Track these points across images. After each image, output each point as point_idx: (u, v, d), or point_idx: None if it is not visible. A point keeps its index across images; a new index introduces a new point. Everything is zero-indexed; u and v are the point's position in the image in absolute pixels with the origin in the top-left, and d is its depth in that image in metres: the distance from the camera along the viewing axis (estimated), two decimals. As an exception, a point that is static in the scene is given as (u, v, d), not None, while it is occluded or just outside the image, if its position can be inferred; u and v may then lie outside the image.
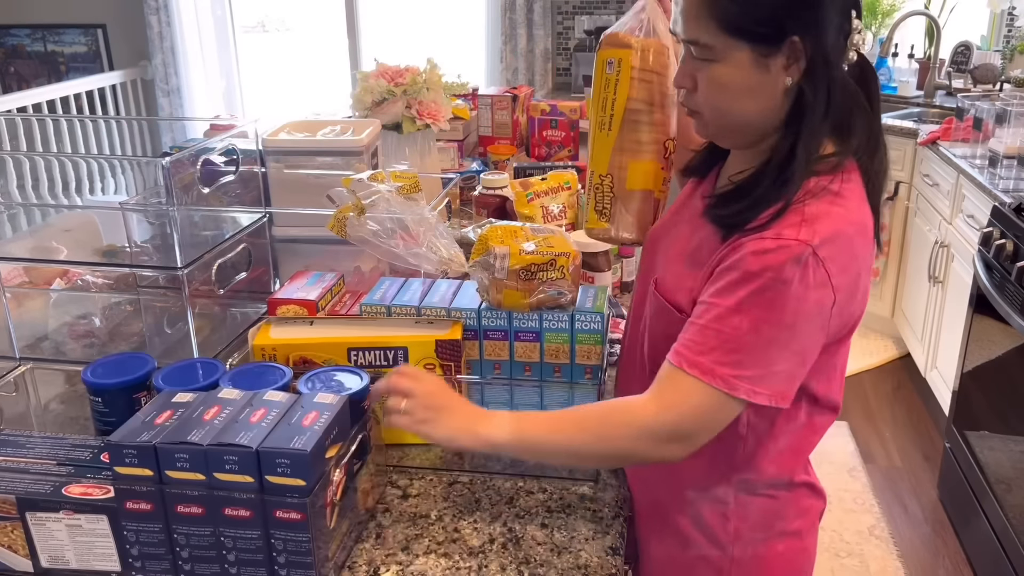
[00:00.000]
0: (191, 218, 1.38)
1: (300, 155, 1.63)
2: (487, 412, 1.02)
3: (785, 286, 0.90)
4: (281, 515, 0.89)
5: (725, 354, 0.93)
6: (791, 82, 0.95)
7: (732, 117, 0.99)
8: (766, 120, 0.99)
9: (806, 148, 0.96)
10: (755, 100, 0.97)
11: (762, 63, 0.94)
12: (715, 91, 0.98)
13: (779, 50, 0.93)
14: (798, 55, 0.93)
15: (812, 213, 0.93)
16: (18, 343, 1.38)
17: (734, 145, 1.06)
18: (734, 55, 0.95)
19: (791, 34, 0.92)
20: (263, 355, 1.15)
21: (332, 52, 5.10)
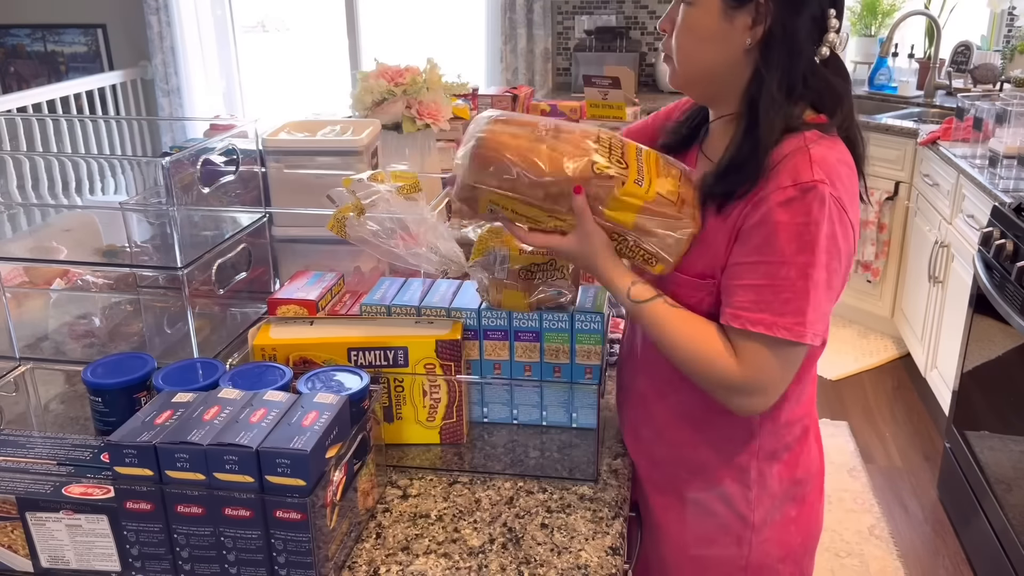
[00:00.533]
0: (191, 218, 1.38)
1: (300, 155, 1.63)
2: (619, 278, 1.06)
3: (818, 227, 0.97)
4: (281, 515, 0.89)
5: (783, 304, 0.98)
6: (751, 42, 1.02)
7: (694, 61, 1.07)
8: (726, 73, 1.05)
9: (767, 111, 1.02)
10: (716, 48, 1.04)
11: (729, 14, 1.02)
12: (684, 32, 1.06)
13: (745, 6, 1.01)
14: (762, 17, 1.01)
15: (818, 155, 0.99)
16: (18, 343, 1.38)
17: (699, 96, 1.13)
18: (706, 1, 1.03)
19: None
20: (263, 355, 1.15)
21: (332, 52, 5.10)
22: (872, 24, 4.26)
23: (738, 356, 1.02)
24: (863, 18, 4.27)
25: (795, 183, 0.97)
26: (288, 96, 5.76)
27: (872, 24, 4.26)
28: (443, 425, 1.20)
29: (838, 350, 3.70)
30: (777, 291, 0.98)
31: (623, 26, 4.49)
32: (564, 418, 1.24)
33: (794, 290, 0.98)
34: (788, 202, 0.97)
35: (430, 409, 1.19)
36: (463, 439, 1.21)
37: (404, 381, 1.17)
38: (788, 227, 0.97)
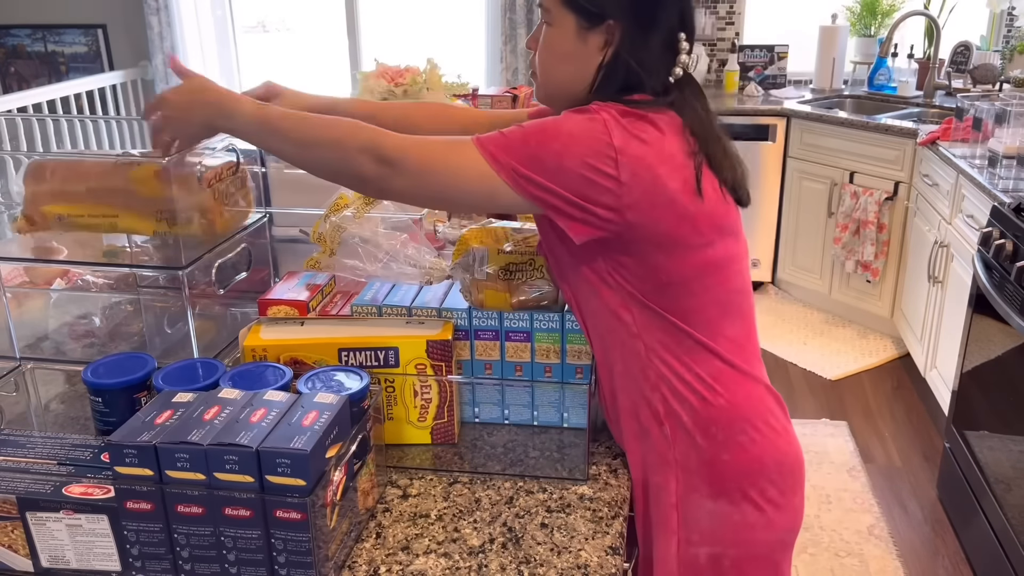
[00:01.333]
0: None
1: (300, 155, 1.63)
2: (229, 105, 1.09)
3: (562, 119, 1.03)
4: (281, 515, 0.89)
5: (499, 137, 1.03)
6: (603, 61, 1.08)
7: (552, 78, 1.13)
8: (580, 88, 1.11)
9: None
10: (571, 66, 1.10)
11: (583, 35, 1.08)
12: (544, 51, 1.13)
13: (598, 27, 1.07)
14: (612, 38, 1.07)
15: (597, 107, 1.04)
16: (18, 343, 1.38)
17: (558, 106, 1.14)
18: (563, 21, 1.09)
19: (608, 17, 1.06)
20: (254, 356, 1.15)
21: (332, 52, 5.10)
22: (872, 24, 4.27)
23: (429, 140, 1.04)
24: (863, 18, 4.27)
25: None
26: (288, 96, 5.74)
27: (872, 24, 4.27)
28: (434, 425, 1.20)
29: (838, 350, 3.70)
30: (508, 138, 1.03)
31: (623, 26, 4.48)
32: (555, 418, 1.24)
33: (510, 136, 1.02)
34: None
35: (421, 409, 1.19)
36: (455, 439, 1.21)
37: (395, 381, 1.17)
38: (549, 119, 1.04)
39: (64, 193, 1.31)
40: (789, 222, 4.08)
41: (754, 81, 4.36)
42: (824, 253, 3.92)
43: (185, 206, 1.28)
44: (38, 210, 1.32)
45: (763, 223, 4.14)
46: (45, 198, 1.31)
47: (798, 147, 3.93)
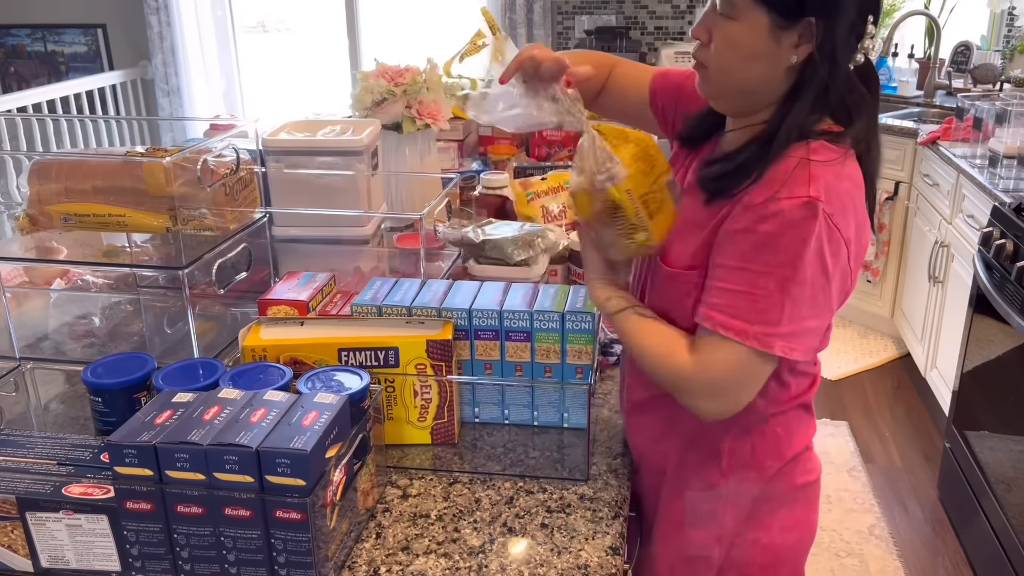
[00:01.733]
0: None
1: (300, 155, 1.63)
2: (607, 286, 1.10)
3: (804, 244, 0.95)
4: (281, 515, 0.89)
5: (757, 314, 0.97)
6: (795, 60, 0.99)
7: (734, 77, 1.03)
8: (765, 90, 1.03)
9: (791, 126, 1.00)
10: (760, 67, 1.01)
11: (776, 34, 0.98)
12: (726, 48, 1.01)
13: (794, 26, 0.97)
14: (810, 36, 0.98)
15: (817, 170, 0.97)
16: (18, 343, 1.38)
17: (730, 109, 1.10)
18: (753, 18, 0.98)
19: (809, 14, 0.97)
20: (253, 356, 1.15)
21: (332, 52, 5.10)
22: (872, 24, 4.26)
23: (699, 353, 1.01)
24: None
25: (789, 196, 0.95)
26: (288, 96, 5.76)
27: (872, 24, 4.26)
28: (434, 425, 1.20)
29: (838, 350, 3.70)
30: (754, 299, 0.97)
31: (623, 26, 4.49)
32: (555, 418, 1.24)
33: (770, 301, 0.97)
34: (778, 214, 0.95)
35: (421, 409, 1.19)
36: (455, 439, 1.21)
37: (395, 382, 1.17)
38: (774, 238, 0.96)
39: (70, 192, 1.31)
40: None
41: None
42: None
43: (196, 203, 1.28)
44: (43, 210, 1.32)
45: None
46: (51, 197, 1.31)
47: (798, 147, 3.92)
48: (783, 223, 0.95)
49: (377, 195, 1.72)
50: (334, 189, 1.61)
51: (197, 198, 1.30)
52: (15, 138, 4.24)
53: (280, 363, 1.14)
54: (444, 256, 1.59)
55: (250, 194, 1.46)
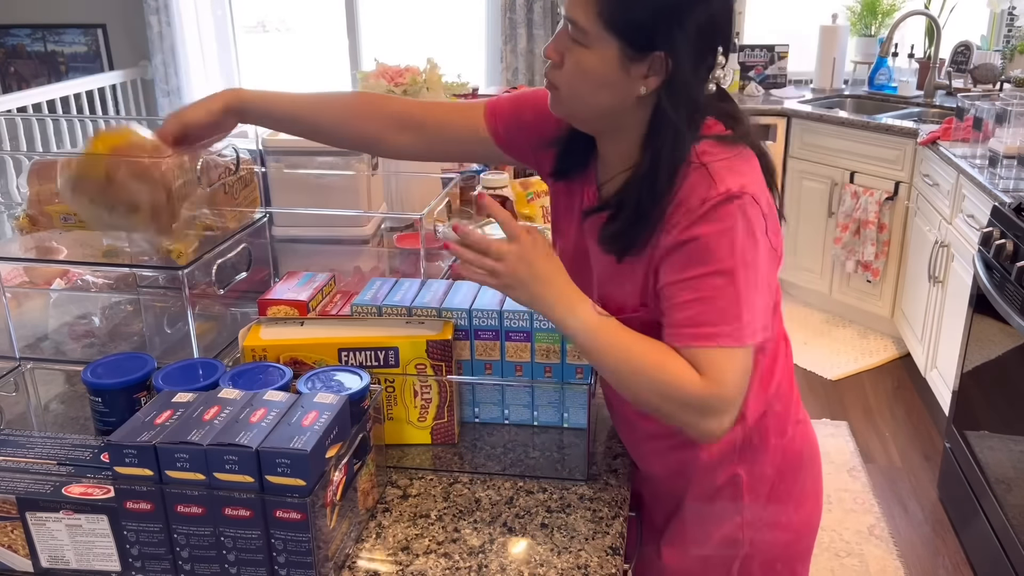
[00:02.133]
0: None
1: (300, 155, 1.63)
2: (577, 298, 1.03)
3: (732, 232, 0.96)
4: (281, 515, 0.89)
5: (718, 315, 0.98)
6: (644, 91, 1.00)
7: (584, 103, 1.04)
8: (616, 115, 1.03)
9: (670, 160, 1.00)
10: (609, 95, 1.01)
11: (626, 64, 0.98)
12: (577, 74, 1.02)
13: (643, 59, 0.98)
14: (659, 69, 0.98)
15: (717, 167, 0.99)
16: (18, 343, 1.38)
17: (587, 129, 1.10)
18: (604, 47, 0.98)
19: (658, 48, 0.97)
20: (253, 356, 1.15)
21: (332, 52, 5.10)
22: (872, 24, 4.26)
23: (704, 374, 0.98)
24: (863, 18, 4.27)
25: (702, 201, 0.97)
26: (288, 96, 5.74)
27: (872, 24, 4.26)
28: (434, 425, 1.20)
29: (838, 350, 3.70)
30: (710, 302, 0.98)
31: (623, 26, 4.48)
32: (555, 418, 1.24)
33: (725, 297, 0.97)
34: (700, 218, 0.97)
35: (421, 409, 1.19)
36: (455, 439, 1.21)
37: (395, 382, 1.17)
38: (706, 239, 0.97)
39: None
40: (789, 222, 4.08)
41: (754, 81, 4.35)
42: (824, 253, 3.92)
43: (196, 203, 1.28)
44: (43, 210, 1.32)
45: (763, 223, 4.13)
46: (51, 197, 1.31)
47: (798, 147, 3.93)
48: (708, 222, 0.97)
49: (377, 195, 1.72)
50: (334, 189, 1.61)
51: (199, 198, 1.30)
52: (15, 138, 4.24)
53: (280, 363, 1.14)
54: (444, 256, 1.59)
55: (250, 194, 1.46)
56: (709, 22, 0.97)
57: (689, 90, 0.99)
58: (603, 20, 0.97)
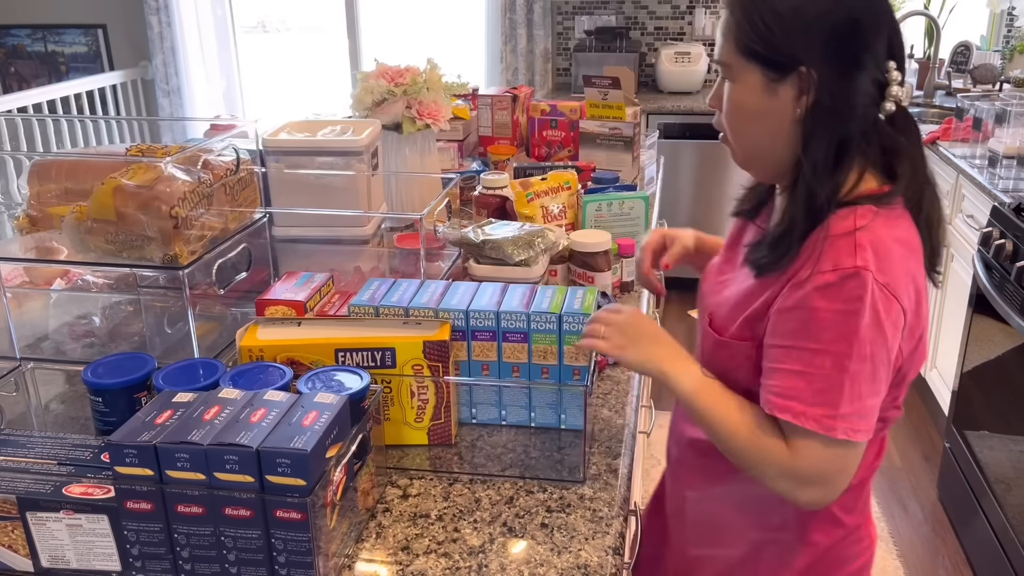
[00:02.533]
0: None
1: (300, 155, 1.63)
2: (682, 357, 1.06)
3: (857, 316, 0.91)
4: (281, 515, 0.89)
5: (814, 395, 0.93)
6: (800, 113, 0.96)
7: (746, 140, 1.03)
8: (780, 149, 1.00)
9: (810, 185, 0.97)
10: (764, 125, 0.99)
11: (771, 88, 0.97)
12: (730, 110, 1.01)
13: (787, 78, 0.95)
14: (807, 86, 0.95)
15: (864, 240, 0.93)
16: (18, 343, 1.38)
17: (762, 175, 1.09)
18: (747, 76, 0.98)
19: (801, 64, 0.94)
20: (250, 356, 1.15)
21: (332, 52, 5.10)
22: (872, 24, 4.26)
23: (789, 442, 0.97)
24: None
25: (835, 268, 0.92)
26: (288, 96, 5.76)
27: (872, 24, 4.26)
28: (431, 426, 1.20)
29: (838, 350, 3.69)
30: (810, 380, 0.93)
31: (623, 26, 4.49)
32: (553, 419, 1.24)
33: (827, 381, 0.93)
34: (827, 287, 0.92)
35: (418, 410, 1.19)
36: (452, 440, 1.21)
37: (392, 382, 1.17)
38: (825, 314, 0.92)
39: (70, 192, 1.31)
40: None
41: (754, 81, 4.35)
42: (824, 253, 3.91)
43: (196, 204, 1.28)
44: (43, 210, 1.32)
45: (763, 223, 4.14)
46: (51, 198, 1.31)
47: (798, 147, 3.92)
48: (832, 297, 0.92)
49: (377, 195, 1.72)
50: (334, 189, 1.61)
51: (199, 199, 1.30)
52: (15, 138, 4.24)
53: (277, 363, 1.14)
54: (444, 256, 1.60)
55: (250, 194, 1.47)
56: (849, 24, 0.93)
57: (844, 103, 0.94)
58: (740, 49, 0.97)
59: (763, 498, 1.08)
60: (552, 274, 1.61)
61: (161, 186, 1.25)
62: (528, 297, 1.23)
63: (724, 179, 4.10)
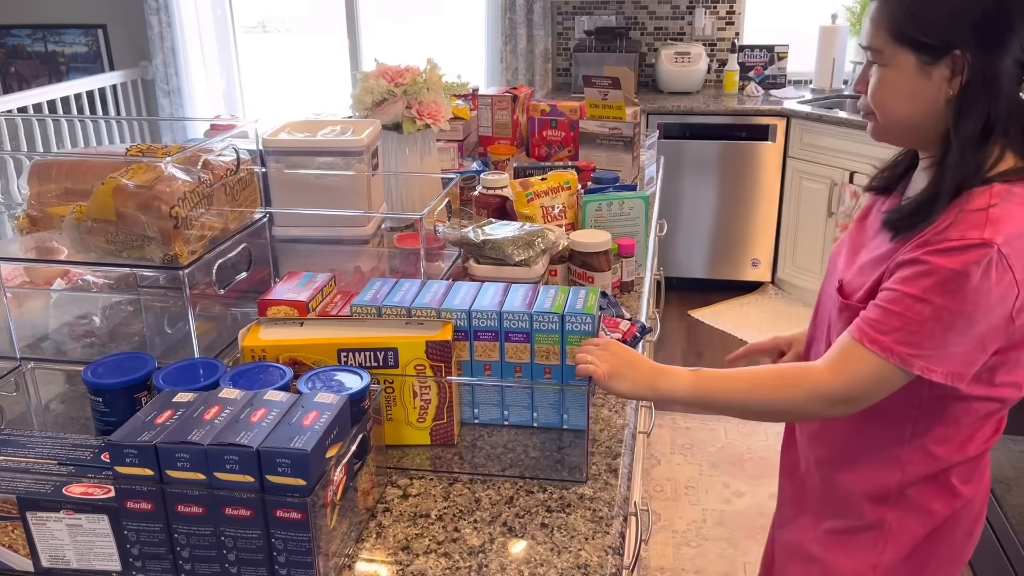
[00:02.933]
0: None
1: (300, 155, 1.63)
2: (665, 368, 1.13)
3: (967, 279, 0.98)
4: (281, 515, 0.89)
5: (905, 335, 1.02)
6: (951, 94, 1.03)
7: (894, 115, 1.09)
8: (930, 124, 1.07)
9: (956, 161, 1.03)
10: (915, 104, 1.06)
11: (925, 71, 1.03)
12: (879, 90, 1.08)
13: (941, 61, 1.02)
14: (960, 68, 1.01)
15: (996, 215, 0.99)
16: (19, 343, 1.38)
17: (901, 143, 1.15)
18: (900, 60, 1.04)
19: (954, 48, 1.01)
20: (252, 356, 1.15)
21: (332, 52, 5.10)
22: (872, 24, 4.26)
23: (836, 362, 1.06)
24: (863, 18, 4.27)
25: (962, 238, 0.99)
26: (288, 96, 5.77)
27: (872, 24, 4.26)
28: (434, 426, 1.20)
29: (838, 350, 3.70)
30: (906, 321, 1.01)
31: (623, 26, 4.49)
32: (555, 419, 1.24)
33: (922, 326, 1.01)
34: (947, 251, 0.99)
35: (420, 410, 1.19)
36: (454, 440, 1.21)
37: (394, 382, 1.17)
38: (939, 269, 0.99)
39: (70, 192, 1.31)
40: (789, 222, 4.08)
41: (754, 81, 4.36)
42: (824, 253, 3.92)
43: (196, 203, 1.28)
44: (43, 210, 1.32)
45: (763, 223, 4.14)
46: (51, 198, 1.31)
47: (798, 147, 3.93)
48: (950, 259, 0.99)
49: (377, 195, 1.72)
50: (334, 189, 1.62)
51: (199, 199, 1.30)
52: (15, 138, 4.24)
53: (279, 364, 1.14)
54: (444, 256, 1.60)
55: (250, 194, 1.47)
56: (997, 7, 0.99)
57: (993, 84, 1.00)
58: (892, 35, 1.04)
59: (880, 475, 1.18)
60: (552, 274, 1.61)
61: (161, 186, 1.25)
62: (530, 297, 1.23)
63: (724, 179, 4.10)
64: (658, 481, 2.85)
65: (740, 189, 4.10)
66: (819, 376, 1.07)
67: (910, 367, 1.02)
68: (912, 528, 1.19)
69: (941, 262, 0.99)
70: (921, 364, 1.02)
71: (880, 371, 1.04)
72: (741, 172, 4.07)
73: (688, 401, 1.12)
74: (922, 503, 1.18)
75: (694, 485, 2.83)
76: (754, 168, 4.05)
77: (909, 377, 1.05)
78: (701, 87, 4.37)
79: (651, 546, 2.53)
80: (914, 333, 1.01)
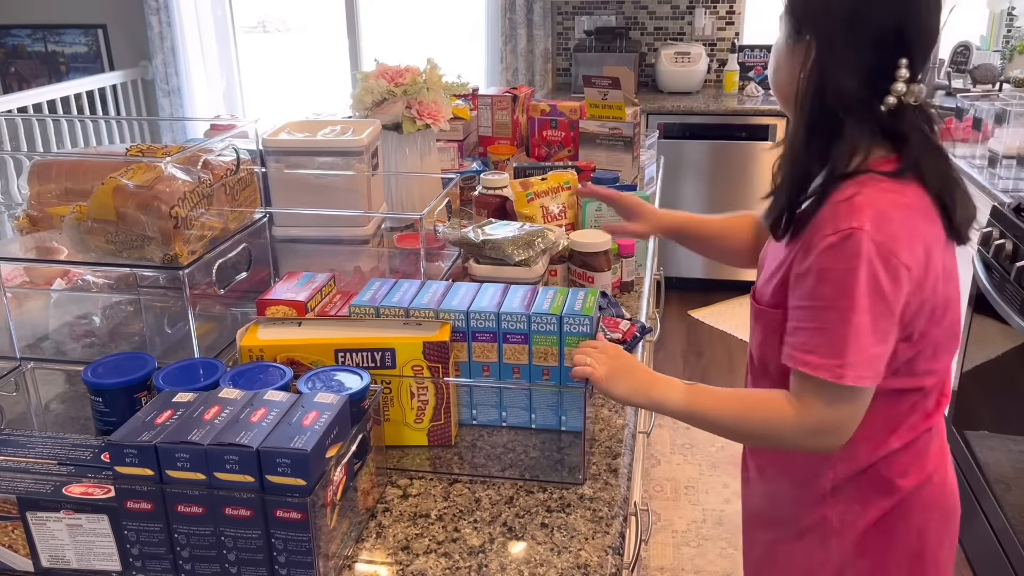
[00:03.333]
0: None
1: (300, 155, 1.63)
2: (662, 378, 1.14)
3: (855, 272, 0.99)
4: (281, 515, 0.89)
5: (826, 348, 1.02)
6: (801, 76, 1.06)
7: (774, 80, 1.15)
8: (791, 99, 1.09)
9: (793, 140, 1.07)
10: (783, 74, 1.11)
11: (790, 45, 1.08)
12: (772, 53, 1.15)
13: (800, 42, 1.06)
14: (808, 56, 1.04)
15: (863, 200, 1.01)
16: (19, 343, 1.38)
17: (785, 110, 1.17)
18: (784, 30, 1.10)
19: (805, 32, 1.05)
20: (250, 356, 1.15)
21: (332, 52, 5.10)
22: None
23: (798, 398, 1.06)
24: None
25: (835, 230, 1.00)
26: (288, 96, 5.77)
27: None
28: (431, 427, 1.20)
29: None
30: (822, 333, 1.02)
31: (623, 26, 4.49)
32: (553, 421, 1.24)
33: (835, 334, 1.01)
34: (829, 248, 1.01)
35: (417, 411, 1.19)
36: (451, 441, 1.21)
37: (392, 383, 1.17)
38: (829, 272, 1.01)
39: (70, 192, 1.31)
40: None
41: (754, 81, 4.36)
42: (824, 253, 3.92)
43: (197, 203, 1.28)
44: (43, 210, 1.32)
45: (763, 223, 4.14)
46: (51, 198, 1.31)
47: (798, 147, 3.93)
48: (833, 257, 1.01)
49: (377, 195, 1.72)
50: (334, 189, 1.62)
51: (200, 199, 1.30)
52: (15, 138, 4.24)
53: (277, 363, 1.14)
54: (444, 256, 1.60)
55: (250, 194, 1.47)
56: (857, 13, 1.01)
57: (834, 80, 1.02)
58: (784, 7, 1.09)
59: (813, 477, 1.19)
60: (552, 274, 1.61)
61: (161, 186, 1.25)
62: (529, 298, 1.23)
63: (724, 179, 4.10)
64: (658, 481, 2.85)
65: (740, 189, 4.10)
66: (789, 409, 1.07)
67: (840, 379, 1.01)
68: (852, 522, 1.18)
69: (827, 264, 1.01)
70: (852, 374, 1.02)
71: (824, 393, 1.04)
72: (741, 172, 4.07)
73: (679, 414, 1.12)
74: (858, 497, 1.17)
75: (694, 485, 2.83)
76: (754, 168, 4.05)
77: (861, 393, 1.04)
78: (701, 87, 4.37)
79: (651, 546, 2.53)
80: (831, 343, 1.02)
